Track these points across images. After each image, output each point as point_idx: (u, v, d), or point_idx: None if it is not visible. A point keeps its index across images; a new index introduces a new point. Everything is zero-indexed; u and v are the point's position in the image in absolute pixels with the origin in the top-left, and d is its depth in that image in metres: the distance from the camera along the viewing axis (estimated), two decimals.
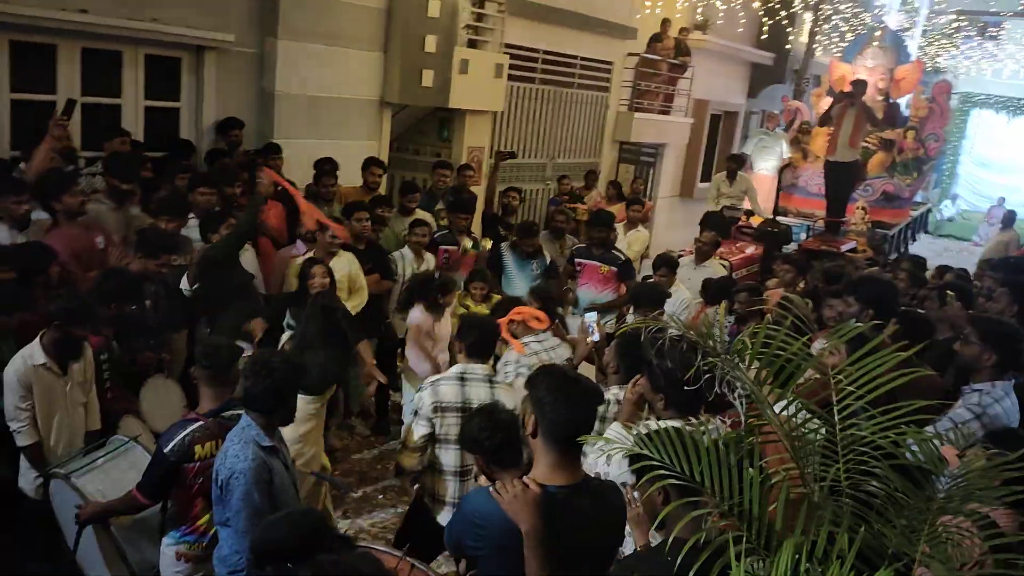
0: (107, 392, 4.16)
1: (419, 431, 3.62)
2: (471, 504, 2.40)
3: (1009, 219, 12.68)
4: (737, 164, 11.19)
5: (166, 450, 3.17)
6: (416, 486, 3.83)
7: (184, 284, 4.95)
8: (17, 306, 3.74)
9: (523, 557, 2.21)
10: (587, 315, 4.68)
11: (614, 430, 2.99)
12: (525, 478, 2.29)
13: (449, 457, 3.66)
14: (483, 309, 5.57)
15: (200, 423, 3.25)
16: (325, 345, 4.27)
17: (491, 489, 2.32)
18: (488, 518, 2.30)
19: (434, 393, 3.63)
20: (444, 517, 3.66)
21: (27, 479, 3.78)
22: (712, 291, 6.20)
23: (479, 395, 3.63)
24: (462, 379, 3.67)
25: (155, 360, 4.62)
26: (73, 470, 3.50)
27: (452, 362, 4.52)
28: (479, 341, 3.77)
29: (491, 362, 3.99)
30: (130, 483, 3.32)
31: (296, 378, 3.09)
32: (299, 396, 3.99)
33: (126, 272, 4.40)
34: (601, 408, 3.29)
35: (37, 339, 3.70)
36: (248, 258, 5.45)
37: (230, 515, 2.95)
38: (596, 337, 4.51)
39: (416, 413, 3.67)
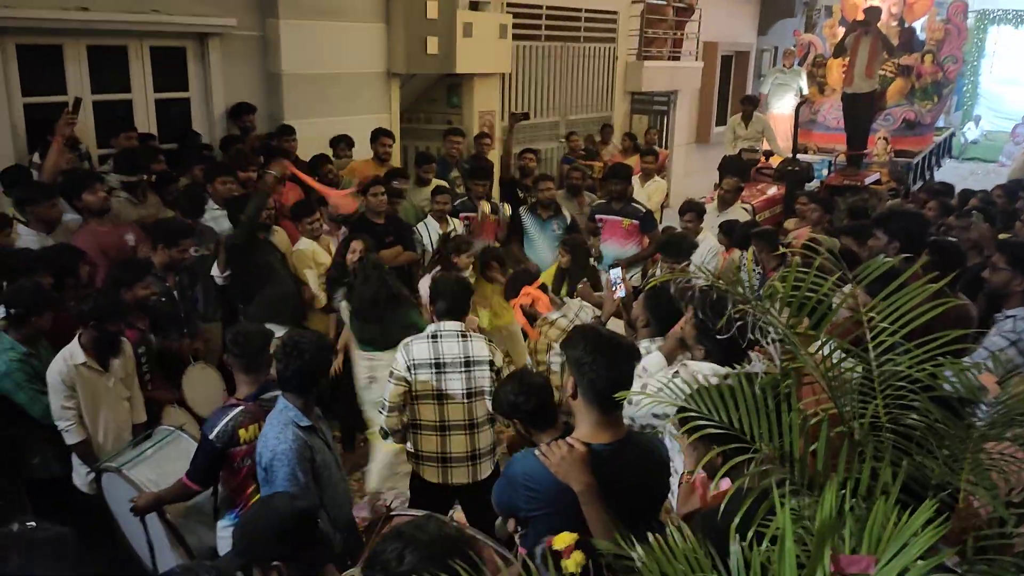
0: (148, 384, 4.25)
1: (395, 391, 3.70)
2: (520, 467, 2.42)
3: None
4: (751, 105, 11.02)
5: (211, 436, 3.26)
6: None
7: (215, 271, 5.03)
8: (49, 308, 3.81)
9: (579, 516, 2.23)
10: (611, 271, 4.68)
11: (654, 359, 3.03)
12: (569, 439, 2.31)
13: (428, 412, 3.73)
14: (507, 319, 5.48)
15: (241, 407, 3.35)
16: (382, 305, 4.35)
17: (536, 452, 2.34)
18: (539, 480, 2.33)
19: (407, 352, 3.71)
20: (430, 473, 3.77)
21: (80, 475, 3.89)
22: (737, 236, 6.16)
23: (451, 350, 3.70)
24: (434, 337, 3.73)
25: (190, 349, 4.71)
26: (124, 462, 3.61)
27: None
28: (452, 306, 3.79)
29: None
30: (179, 471, 3.42)
31: (327, 357, 3.13)
32: (369, 353, 4.21)
33: (134, 258, 4.48)
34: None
35: (76, 339, 3.78)
36: (280, 239, 5.52)
37: None
38: (622, 292, 4.51)
39: (391, 374, 3.74)
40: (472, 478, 3.79)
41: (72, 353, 3.75)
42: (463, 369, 3.71)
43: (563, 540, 2.16)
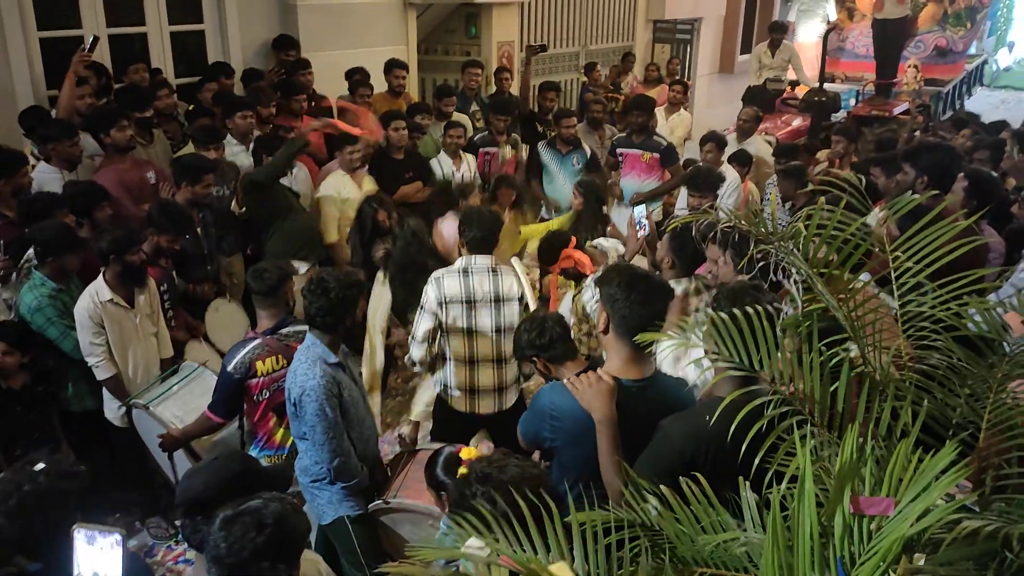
0: (171, 322, 4.31)
1: (424, 325, 3.70)
2: (546, 397, 2.50)
3: None
4: (780, 33, 10.65)
5: (230, 368, 3.36)
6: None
7: (233, 206, 5.06)
8: (74, 249, 3.84)
9: (595, 445, 2.28)
10: (635, 209, 4.61)
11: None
12: (599, 371, 2.36)
13: (458, 345, 3.75)
14: (537, 229, 5.40)
15: (258, 340, 3.43)
16: (420, 265, 4.30)
17: (566, 381, 2.39)
18: (563, 410, 2.40)
19: (438, 287, 3.68)
20: (458, 402, 3.81)
21: (111, 409, 3.98)
22: (739, 161, 6.10)
23: (481, 285, 3.67)
24: (465, 272, 3.69)
25: (213, 286, 4.76)
26: (151, 399, 3.70)
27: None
28: (481, 237, 3.72)
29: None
30: (203, 407, 3.52)
31: (354, 295, 3.15)
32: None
33: (175, 203, 4.47)
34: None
35: (100, 276, 3.82)
36: (302, 176, 5.51)
37: (306, 429, 3.09)
38: (647, 231, 4.44)
39: (422, 308, 3.73)
40: (498, 408, 3.84)
41: (98, 290, 3.80)
42: (493, 306, 3.71)
43: (469, 453, 2.56)
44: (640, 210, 4.32)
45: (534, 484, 1.87)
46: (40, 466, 2.22)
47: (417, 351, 3.76)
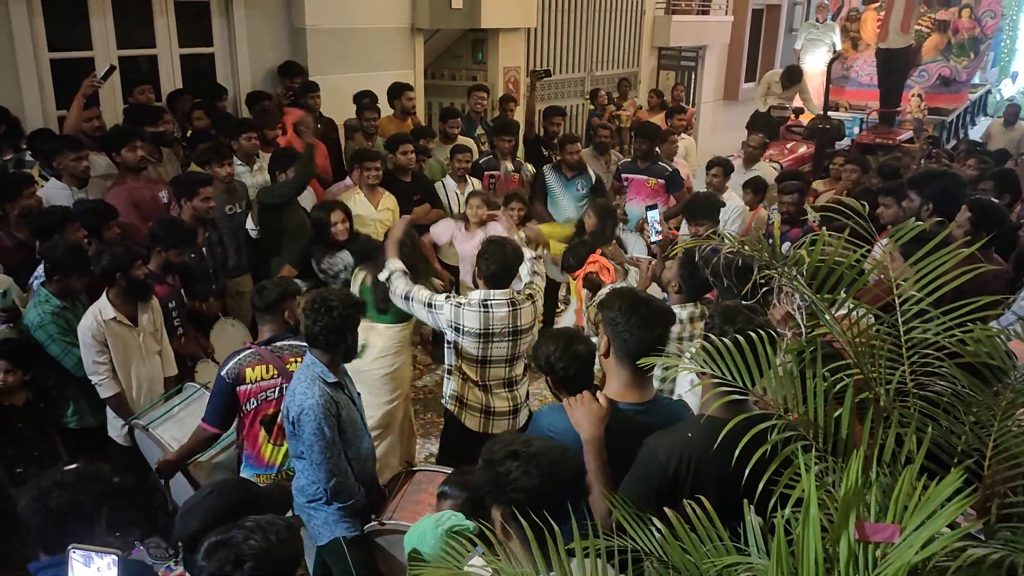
0: (180, 338, 4.33)
1: (422, 299, 3.75)
2: (545, 419, 2.51)
3: None
4: (795, 80, 10.70)
5: (223, 372, 3.39)
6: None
7: (250, 224, 5.11)
8: (83, 270, 3.86)
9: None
10: (649, 212, 4.56)
11: None
12: (597, 392, 2.37)
13: (471, 371, 3.77)
14: (559, 230, 5.39)
15: (251, 350, 3.46)
16: (410, 268, 4.29)
17: (564, 400, 2.41)
18: (561, 433, 2.39)
19: (456, 315, 3.68)
20: (472, 421, 3.83)
21: (114, 427, 3.99)
22: (754, 188, 6.11)
23: (500, 319, 3.68)
24: (485, 306, 3.68)
25: (218, 303, 4.78)
26: (151, 420, 3.69)
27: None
28: (499, 271, 3.69)
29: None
30: None
31: (355, 315, 3.16)
32: (392, 325, 4.17)
33: (174, 218, 4.51)
34: (676, 328, 3.32)
35: (104, 295, 3.85)
36: (307, 197, 5.55)
37: (303, 448, 3.09)
38: (660, 237, 4.42)
39: (431, 305, 3.73)
40: (511, 428, 3.86)
41: (101, 309, 3.82)
42: (510, 338, 3.73)
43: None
44: (654, 214, 4.28)
45: (560, 458, 1.91)
46: (73, 466, 2.23)
47: (401, 285, 3.81)
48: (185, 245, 4.31)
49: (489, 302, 3.69)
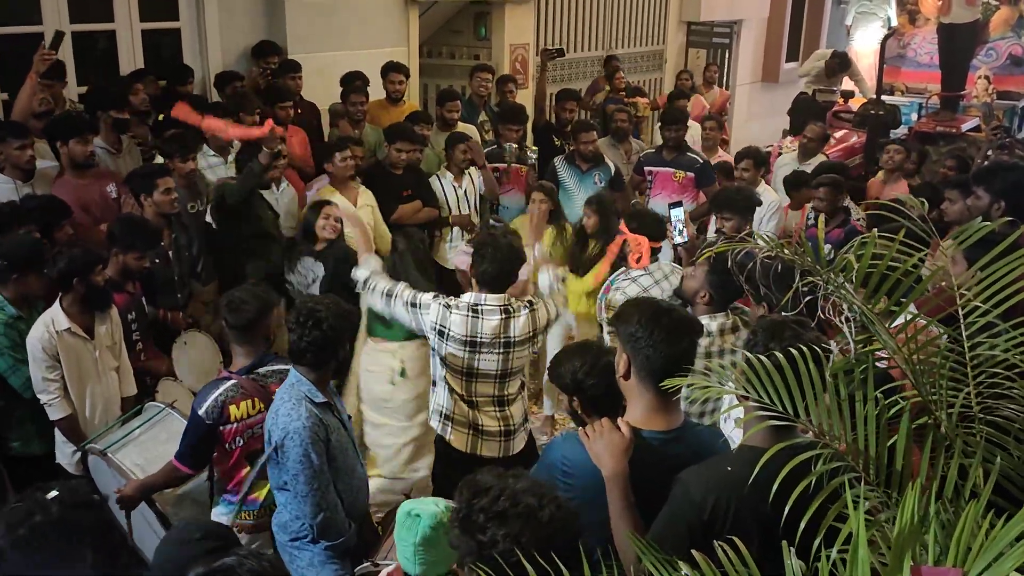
0: (139, 353, 4.34)
1: (404, 299, 3.80)
2: (559, 449, 2.48)
3: None
4: (841, 68, 10.73)
5: (200, 412, 3.33)
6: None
7: (209, 217, 5.18)
8: (38, 268, 3.87)
9: None
10: (673, 211, 4.53)
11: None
12: (619, 420, 2.33)
13: (456, 383, 3.80)
14: (587, 283, 5.24)
15: (233, 381, 3.41)
16: (425, 279, 4.31)
17: (581, 430, 2.37)
18: (577, 465, 2.37)
19: (443, 317, 3.71)
20: (459, 440, 3.85)
21: (64, 453, 4.00)
22: (789, 184, 6.12)
23: (491, 327, 3.69)
24: (474, 311, 3.70)
25: (184, 318, 4.80)
26: (109, 444, 3.69)
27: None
28: (495, 273, 3.71)
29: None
30: (169, 454, 3.48)
31: (346, 327, 3.17)
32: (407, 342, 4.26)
33: (138, 217, 4.53)
34: (705, 342, 3.32)
35: (57, 303, 3.86)
36: (288, 195, 5.62)
37: (287, 478, 3.10)
38: (684, 238, 4.40)
39: (415, 305, 3.77)
40: (503, 452, 3.85)
41: (54, 318, 3.83)
42: (501, 350, 3.73)
43: None
44: (678, 213, 4.27)
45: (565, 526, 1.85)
46: (53, 494, 2.22)
47: (382, 283, 3.87)
48: (148, 248, 4.33)
49: (480, 307, 3.70)
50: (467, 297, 3.76)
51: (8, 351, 3.84)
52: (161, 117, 5.90)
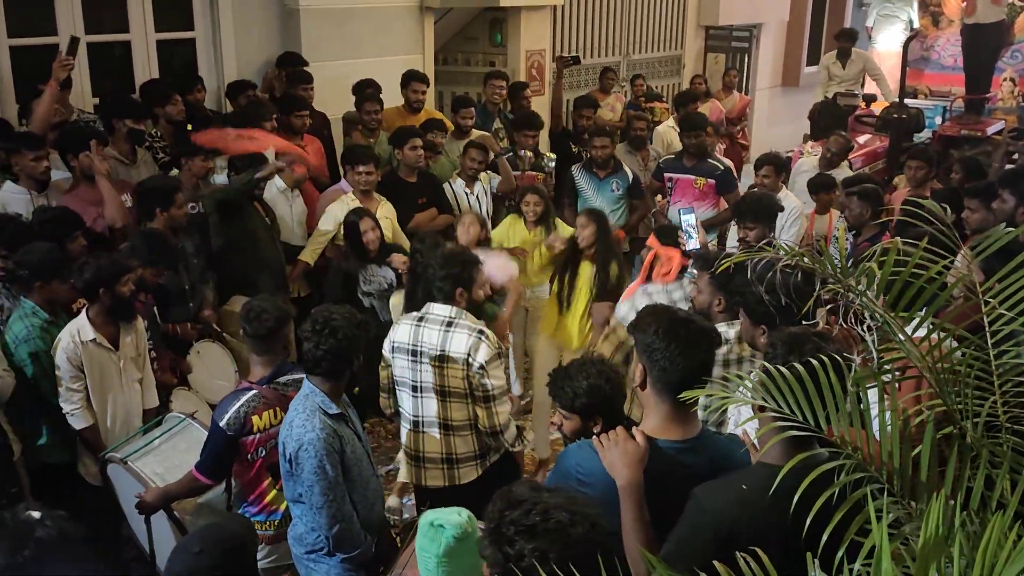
0: (153, 364, 4.38)
1: (382, 372, 3.91)
2: (574, 458, 2.47)
3: None
4: (849, 41, 10.69)
5: (222, 424, 3.36)
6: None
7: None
8: (60, 276, 3.93)
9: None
10: (684, 216, 4.51)
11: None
12: (634, 429, 2.34)
13: (406, 402, 3.85)
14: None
15: (255, 392, 3.44)
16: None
17: (594, 439, 2.37)
18: (592, 474, 2.36)
19: (392, 332, 3.80)
20: (404, 470, 4.00)
21: (86, 463, 4.03)
22: (813, 187, 6.10)
23: (430, 338, 3.71)
24: (420, 320, 3.77)
25: (196, 326, 4.83)
26: (130, 453, 3.73)
27: None
28: (447, 284, 3.74)
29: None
30: (188, 464, 3.53)
31: (362, 336, 3.19)
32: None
33: (159, 232, 4.57)
34: (723, 349, 3.32)
35: (83, 314, 3.91)
36: (299, 206, 5.67)
37: (302, 490, 3.13)
38: (696, 244, 4.38)
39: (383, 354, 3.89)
40: (448, 481, 3.84)
41: (80, 328, 3.87)
42: (437, 364, 3.72)
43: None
44: (689, 218, 4.26)
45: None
46: (36, 514, 2.23)
47: (382, 401, 4.05)
48: (168, 264, 4.39)
49: (426, 316, 3.77)
50: (424, 309, 3.82)
51: (45, 354, 3.88)
52: (190, 127, 5.94)
